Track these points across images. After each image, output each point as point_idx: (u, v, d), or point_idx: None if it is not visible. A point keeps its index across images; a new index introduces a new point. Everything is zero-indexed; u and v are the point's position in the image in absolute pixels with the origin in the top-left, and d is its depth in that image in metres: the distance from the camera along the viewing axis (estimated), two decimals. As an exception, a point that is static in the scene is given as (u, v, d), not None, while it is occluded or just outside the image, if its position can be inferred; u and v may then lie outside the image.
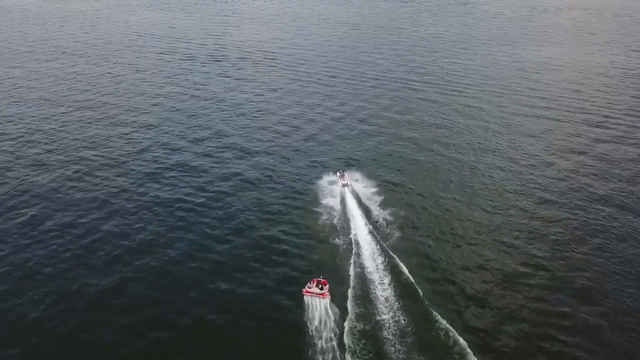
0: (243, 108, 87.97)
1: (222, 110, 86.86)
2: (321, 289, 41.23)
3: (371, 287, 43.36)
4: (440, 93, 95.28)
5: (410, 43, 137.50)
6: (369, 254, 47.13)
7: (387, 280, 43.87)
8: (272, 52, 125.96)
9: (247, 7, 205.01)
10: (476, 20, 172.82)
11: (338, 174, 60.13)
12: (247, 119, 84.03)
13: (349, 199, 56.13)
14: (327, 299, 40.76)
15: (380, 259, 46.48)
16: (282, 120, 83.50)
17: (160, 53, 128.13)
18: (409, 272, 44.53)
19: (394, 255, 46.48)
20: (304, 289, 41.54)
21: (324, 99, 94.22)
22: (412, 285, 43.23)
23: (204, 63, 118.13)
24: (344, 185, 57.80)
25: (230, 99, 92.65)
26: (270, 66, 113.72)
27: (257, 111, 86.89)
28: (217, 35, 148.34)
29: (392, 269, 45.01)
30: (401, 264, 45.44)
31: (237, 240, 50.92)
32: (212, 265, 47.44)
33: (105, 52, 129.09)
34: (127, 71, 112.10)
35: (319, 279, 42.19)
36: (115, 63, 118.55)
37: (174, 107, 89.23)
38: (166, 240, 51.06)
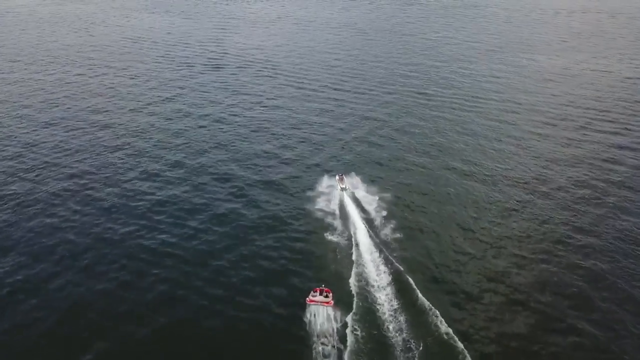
0: (241, 117, 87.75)
1: (221, 122, 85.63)
2: (326, 297, 41.75)
3: (372, 293, 43.78)
4: (447, 102, 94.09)
5: (417, 49, 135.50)
6: (368, 258, 47.68)
7: (387, 285, 44.37)
8: (273, 60, 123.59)
9: (248, 10, 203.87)
10: (485, 25, 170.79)
11: (337, 177, 60.73)
12: (244, 126, 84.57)
13: (347, 202, 56.62)
14: (332, 307, 41.38)
15: (380, 264, 47.02)
16: (281, 124, 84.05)
17: (157, 60, 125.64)
18: (410, 276, 45.29)
19: (394, 260, 47.21)
20: (307, 298, 41.83)
21: (325, 102, 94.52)
22: (414, 289, 43.90)
23: (203, 71, 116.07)
24: (342, 189, 58.44)
25: (229, 109, 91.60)
26: (271, 76, 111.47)
27: (257, 119, 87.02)
28: (216, 41, 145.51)
29: (393, 273, 45.67)
30: (401, 268, 46.14)
31: (232, 243, 52.04)
32: (206, 270, 48.18)
33: (98, 59, 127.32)
34: (120, 80, 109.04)
35: (321, 287, 42.57)
36: (107, 71, 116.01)
37: (169, 117, 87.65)
38: (161, 245, 51.92)
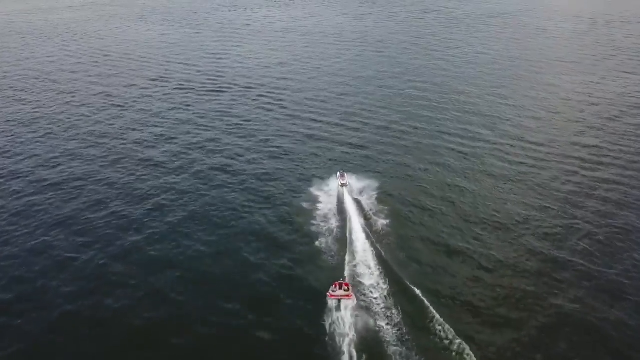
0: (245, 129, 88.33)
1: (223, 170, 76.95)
2: (346, 290, 46.15)
3: (366, 288, 48.00)
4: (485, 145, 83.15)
5: (436, 67, 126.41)
6: (362, 254, 52.15)
7: (381, 280, 48.62)
8: (276, 84, 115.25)
9: (250, 20, 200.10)
10: (515, 38, 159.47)
11: (338, 173, 66.38)
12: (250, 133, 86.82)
13: (346, 198, 61.53)
14: (353, 300, 45.74)
15: (374, 260, 51.34)
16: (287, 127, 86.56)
17: (151, 80, 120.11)
18: (402, 272, 49.55)
19: (388, 257, 51.63)
20: (328, 293, 45.98)
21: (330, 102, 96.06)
22: (406, 285, 47.92)
23: (201, 94, 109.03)
24: (342, 185, 63.56)
25: (234, 142, 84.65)
26: (278, 102, 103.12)
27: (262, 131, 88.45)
28: (217, 57, 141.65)
29: (386, 269, 49.91)
30: (395, 265, 50.56)
31: (232, 236, 57.19)
32: (205, 267, 52.73)
33: (84, 79, 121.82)
34: (107, 104, 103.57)
35: (340, 281, 47.11)
36: (92, 93, 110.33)
37: (163, 150, 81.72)
38: (158, 245, 56.45)
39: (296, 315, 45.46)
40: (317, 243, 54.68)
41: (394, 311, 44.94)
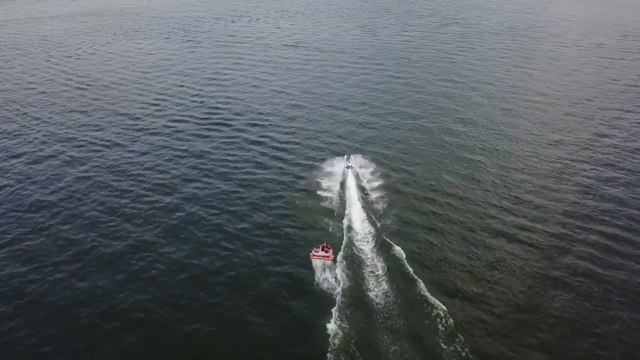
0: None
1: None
2: (326, 252, 56.03)
3: (361, 259, 56.04)
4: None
5: (463, 93, 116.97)
6: (359, 224, 61.49)
7: (375, 252, 56.80)
8: (288, 110, 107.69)
9: (252, 35, 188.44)
10: (554, 59, 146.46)
11: (345, 156, 75.65)
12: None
13: (350, 178, 70.98)
14: (332, 261, 55.48)
15: (369, 228, 60.86)
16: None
17: (142, 115, 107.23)
18: (398, 248, 57.27)
19: (385, 234, 60.07)
20: (310, 253, 55.80)
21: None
22: (401, 261, 55.73)
23: (201, 126, 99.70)
24: (348, 167, 72.85)
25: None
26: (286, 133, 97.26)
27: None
28: (218, 80, 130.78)
29: (382, 245, 58.09)
30: (390, 241, 58.65)
31: (240, 211, 67.14)
32: (214, 237, 62.31)
33: (63, 107, 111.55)
34: (91, 140, 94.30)
35: (323, 244, 57.02)
36: (74, 127, 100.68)
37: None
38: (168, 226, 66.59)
39: (294, 268, 56.12)
40: (319, 212, 66.23)
41: (379, 269, 54.27)
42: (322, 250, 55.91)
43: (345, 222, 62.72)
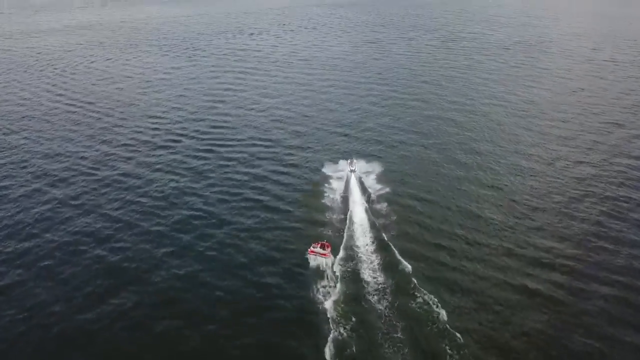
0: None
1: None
2: (324, 249, 57.87)
3: (359, 258, 57.77)
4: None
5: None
6: (359, 223, 63.86)
7: (373, 252, 58.64)
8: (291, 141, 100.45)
9: (254, 50, 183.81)
10: (565, 77, 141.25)
11: (349, 160, 78.68)
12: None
13: (353, 181, 73.62)
14: (329, 258, 57.18)
15: (370, 234, 62.18)
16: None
17: (130, 142, 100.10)
18: (396, 248, 58.99)
19: (384, 234, 61.88)
20: (309, 249, 58.37)
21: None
22: (392, 248, 58.65)
23: (197, 156, 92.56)
24: (351, 171, 75.65)
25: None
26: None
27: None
28: (215, 107, 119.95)
29: (380, 244, 60.34)
30: (388, 241, 60.71)
31: (245, 208, 70.01)
32: (222, 233, 64.82)
33: (54, 125, 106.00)
34: (79, 158, 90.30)
35: (322, 242, 59.17)
36: (63, 144, 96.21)
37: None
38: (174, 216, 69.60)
39: (292, 262, 58.16)
40: (322, 211, 68.36)
41: (377, 269, 55.68)
42: (320, 247, 58.81)
43: (346, 221, 65.19)
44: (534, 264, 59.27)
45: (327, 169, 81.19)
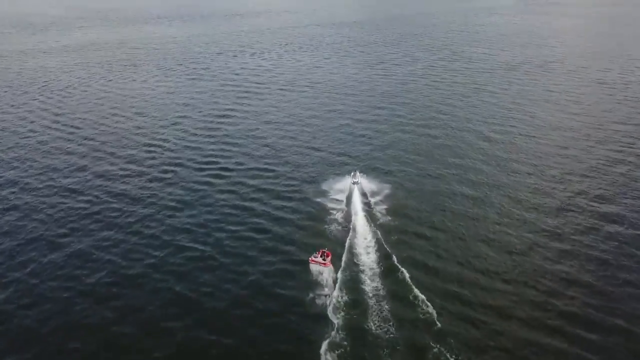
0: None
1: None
2: (324, 259, 59.88)
3: (360, 268, 59.26)
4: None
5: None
6: (361, 234, 65.61)
7: (374, 262, 60.13)
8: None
9: (255, 69, 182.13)
10: (575, 100, 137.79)
11: (352, 173, 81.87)
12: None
13: (355, 194, 75.65)
14: (329, 268, 59.29)
15: (371, 239, 64.60)
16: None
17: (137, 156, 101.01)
18: (397, 259, 60.61)
19: (385, 245, 63.59)
20: (310, 258, 60.79)
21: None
22: (392, 258, 60.20)
23: (196, 185, 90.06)
24: (354, 183, 77.95)
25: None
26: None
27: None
28: (215, 135, 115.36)
29: (382, 254, 61.92)
30: (389, 250, 62.54)
31: (250, 219, 72.24)
32: (225, 241, 67.23)
33: (50, 147, 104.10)
34: (77, 182, 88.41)
35: (323, 250, 61.40)
36: (59, 169, 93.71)
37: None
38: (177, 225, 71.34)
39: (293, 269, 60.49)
40: (325, 222, 70.40)
41: (377, 279, 56.84)
42: (321, 256, 61.25)
43: (348, 232, 67.04)
44: (535, 274, 59.91)
45: (331, 182, 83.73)
